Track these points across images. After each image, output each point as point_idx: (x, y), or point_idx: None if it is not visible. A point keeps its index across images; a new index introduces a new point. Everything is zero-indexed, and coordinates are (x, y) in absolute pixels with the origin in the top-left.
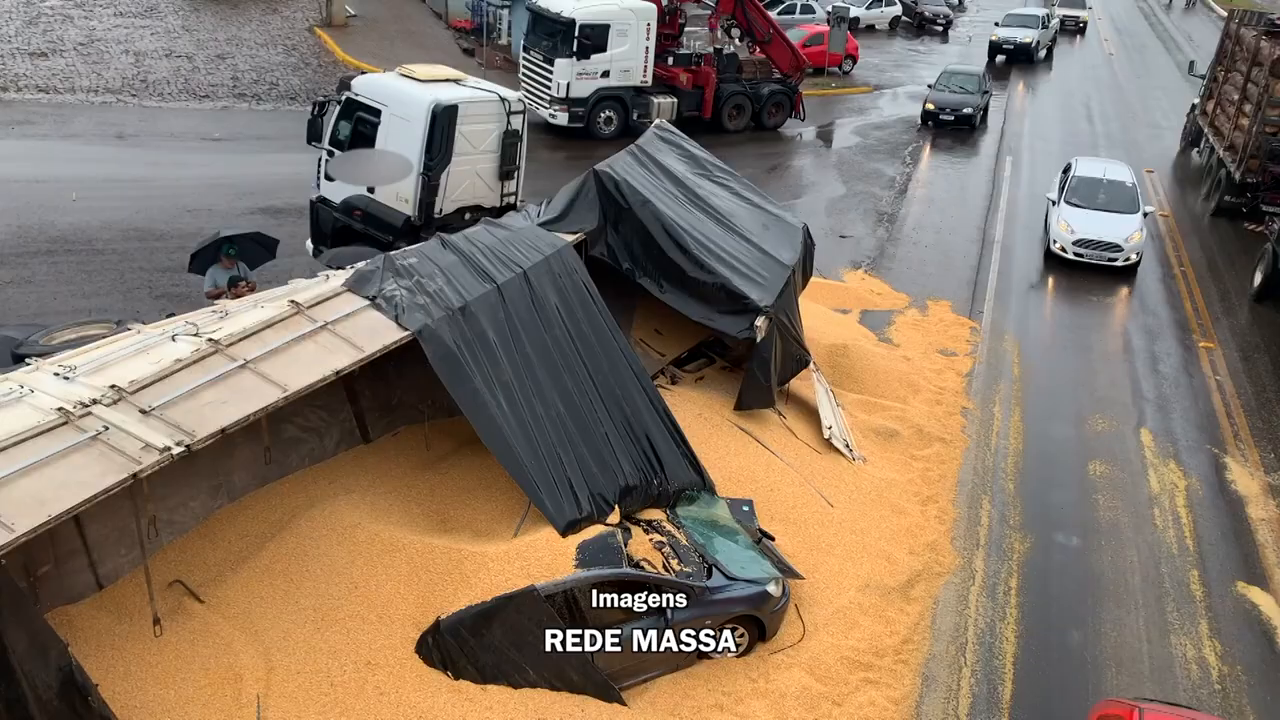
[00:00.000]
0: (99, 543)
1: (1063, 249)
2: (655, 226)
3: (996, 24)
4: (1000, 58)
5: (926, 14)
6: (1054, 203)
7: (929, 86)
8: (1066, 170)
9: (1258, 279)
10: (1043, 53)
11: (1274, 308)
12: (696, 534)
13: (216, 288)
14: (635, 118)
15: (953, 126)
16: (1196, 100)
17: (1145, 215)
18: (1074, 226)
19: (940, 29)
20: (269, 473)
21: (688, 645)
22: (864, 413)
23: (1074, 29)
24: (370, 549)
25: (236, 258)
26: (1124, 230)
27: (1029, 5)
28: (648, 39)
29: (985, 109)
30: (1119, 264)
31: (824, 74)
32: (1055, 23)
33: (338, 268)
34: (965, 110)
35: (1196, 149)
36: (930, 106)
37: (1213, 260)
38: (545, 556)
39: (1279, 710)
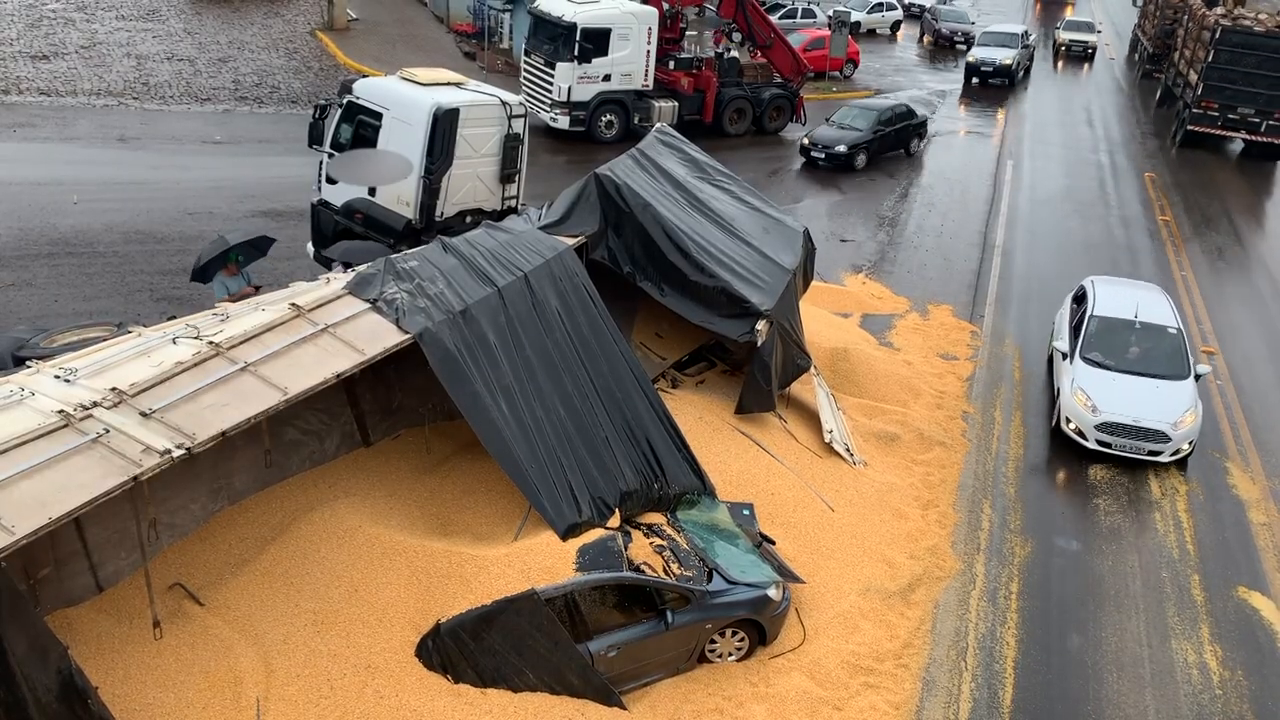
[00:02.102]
0: (99, 545)
1: (1079, 433)
2: (656, 230)
3: (972, 40)
4: (975, 80)
5: (944, 31)
6: (1064, 356)
7: (826, 120)
8: (1079, 300)
9: (1158, 94)
10: (1021, 73)
11: (1275, 311)
12: (697, 538)
13: (230, 295)
14: (636, 121)
15: (825, 166)
16: (1136, 21)
17: (1198, 379)
18: (1096, 401)
19: (964, 47)
20: (269, 476)
21: (688, 649)
22: (865, 417)
23: (1080, 55)
24: (370, 552)
25: (243, 264)
26: (1170, 407)
27: (1023, 20)
28: (649, 43)
29: (908, 143)
30: (1164, 460)
31: (825, 78)
32: (1034, 39)
33: (347, 265)
34: (838, 149)
35: (1135, 53)
36: (805, 142)
37: (1215, 265)
38: (545, 560)
39: None
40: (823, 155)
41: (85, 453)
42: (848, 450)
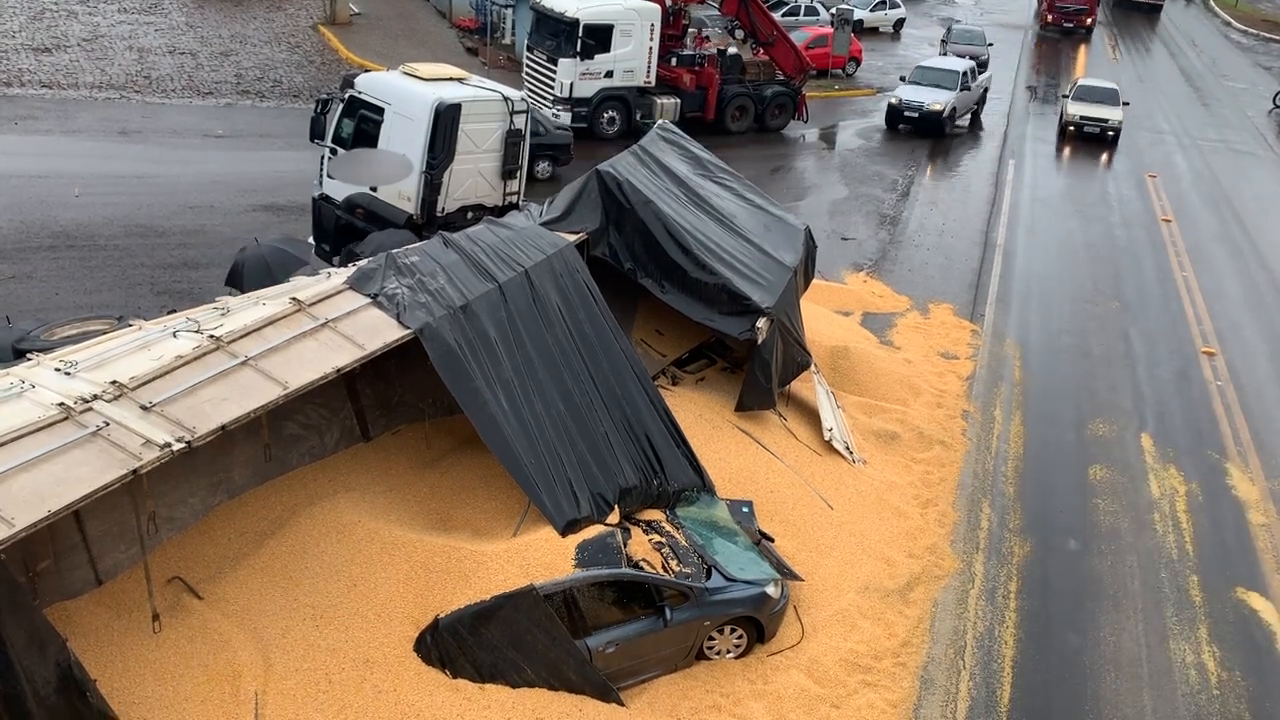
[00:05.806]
0: (98, 538)
1: None
2: (657, 227)
3: (903, 78)
4: (903, 126)
5: (956, 56)
6: None
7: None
8: None
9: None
10: (964, 120)
11: (1275, 309)
12: (696, 535)
13: None
14: (638, 118)
15: None
16: None
17: None
18: None
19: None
20: (269, 470)
21: (686, 646)
22: (864, 415)
23: (1095, 135)
24: (369, 547)
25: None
26: None
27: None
28: (651, 40)
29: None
30: None
31: (827, 76)
32: (984, 77)
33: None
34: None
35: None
36: None
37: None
38: (544, 556)
39: (1278, 716)
40: None
41: (85, 446)
42: (847, 448)
